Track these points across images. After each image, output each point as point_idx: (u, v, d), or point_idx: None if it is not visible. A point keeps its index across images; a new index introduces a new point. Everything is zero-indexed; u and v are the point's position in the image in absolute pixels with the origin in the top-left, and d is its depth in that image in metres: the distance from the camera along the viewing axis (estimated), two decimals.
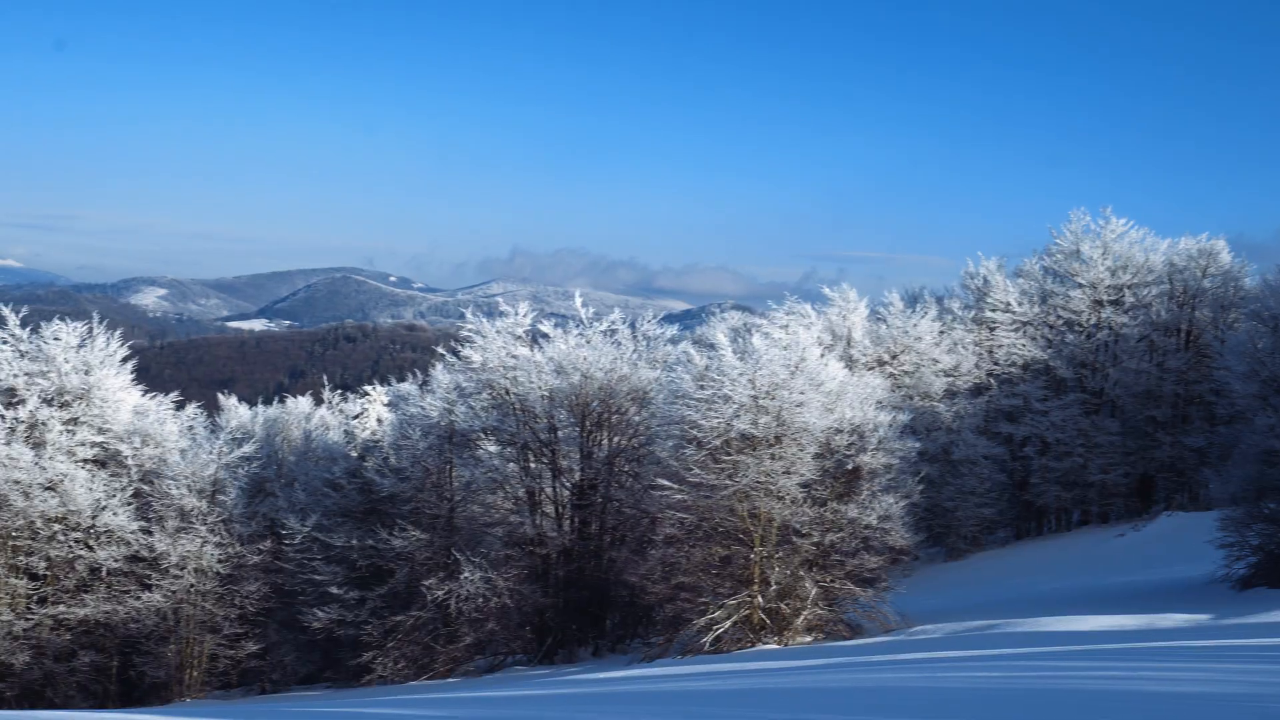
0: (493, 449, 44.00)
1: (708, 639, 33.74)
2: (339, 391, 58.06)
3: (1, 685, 45.01)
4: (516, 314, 45.76)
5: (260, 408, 56.52)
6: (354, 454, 48.34)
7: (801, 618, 33.88)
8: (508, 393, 43.79)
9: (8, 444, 45.42)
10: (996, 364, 63.82)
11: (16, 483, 45.00)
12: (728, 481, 33.77)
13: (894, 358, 59.95)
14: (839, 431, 34.84)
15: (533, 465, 44.08)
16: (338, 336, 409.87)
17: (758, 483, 33.53)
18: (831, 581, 34.25)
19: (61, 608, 46.07)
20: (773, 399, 33.97)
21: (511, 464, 44.11)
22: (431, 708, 22.61)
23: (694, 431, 34.90)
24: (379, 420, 49.38)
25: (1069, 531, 63.76)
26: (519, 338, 45.20)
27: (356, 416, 50.67)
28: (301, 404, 57.14)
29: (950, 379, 61.69)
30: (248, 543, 46.61)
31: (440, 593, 41.59)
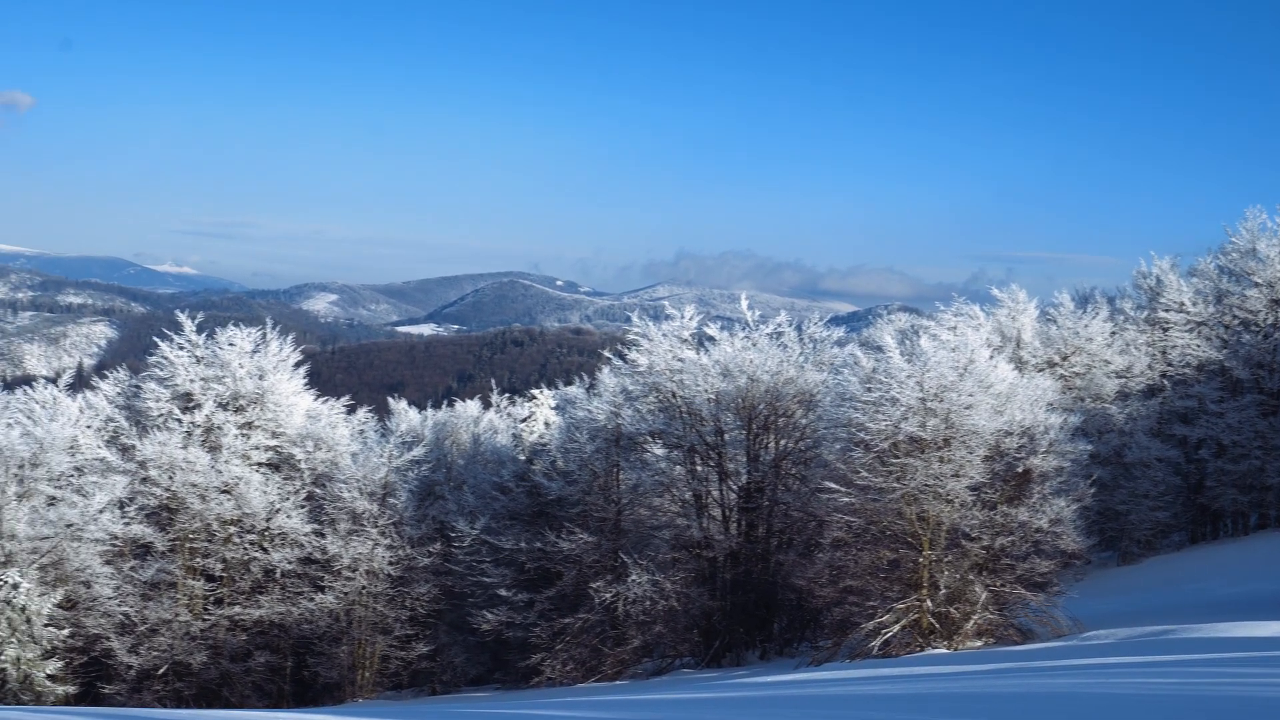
0: (659, 452, 44.23)
1: (876, 643, 33.63)
2: (507, 395, 58.79)
3: (180, 684, 46.31)
4: (682, 317, 45.98)
5: (429, 411, 57.49)
6: (522, 457, 48.88)
7: (971, 622, 33.61)
8: (674, 396, 44.01)
9: (185, 448, 46.75)
10: (1170, 365, 62.53)
11: (193, 486, 46.29)
12: (895, 484, 33.65)
13: (1064, 359, 59.09)
14: (1009, 434, 34.50)
15: (699, 468, 44.26)
16: (505, 340, 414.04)
17: (926, 486, 33.36)
18: (1002, 585, 33.94)
19: (237, 609, 47.33)
20: (941, 401, 33.77)
21: (678, 467, 44.30)
22: (600, 710, 22.81)
23: (861, 434, 34.82)
24: (546, 424, 49.86)
25: (1246, 535, 62.26)
26: (685, 341, 45.41)
27: (524, 420, 51.21)
28: (470, 408, 58.01)
29: (1122, 380, 60.57)
30: (418, 545, 47.41)
31: (608, 595, 42.00)
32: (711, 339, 46.18)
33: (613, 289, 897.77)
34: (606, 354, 49.02)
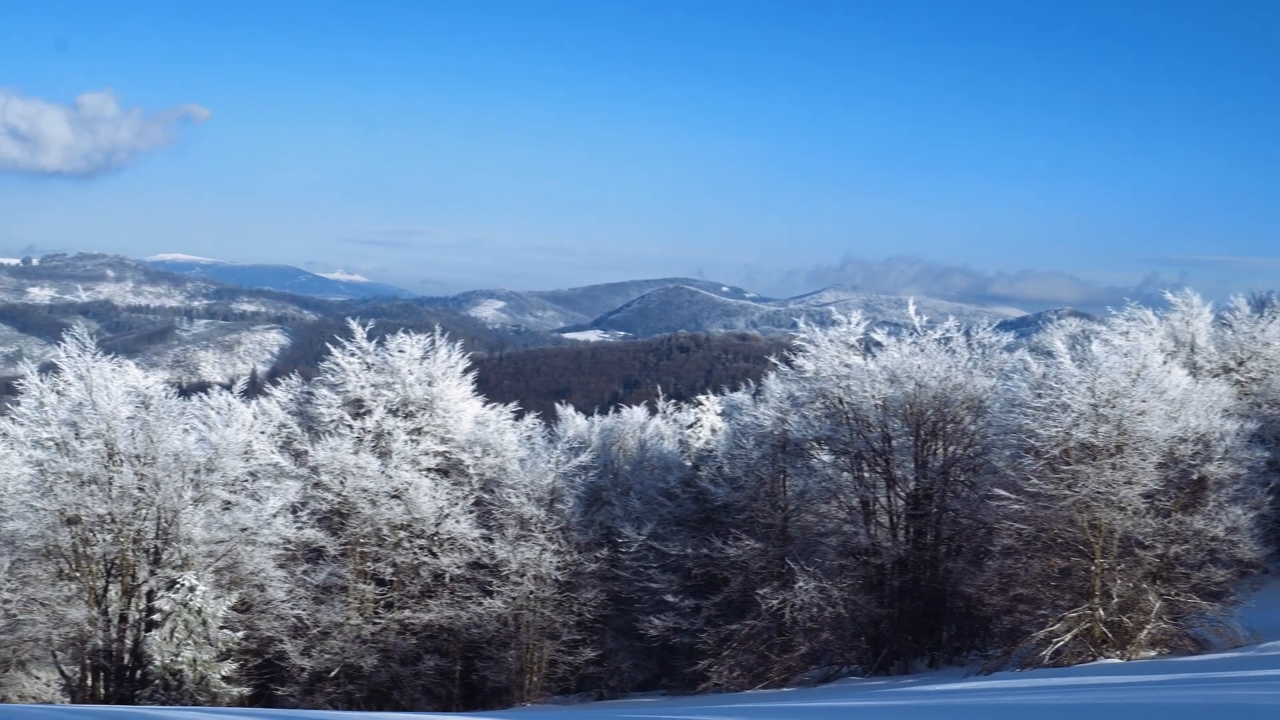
0: (826, 458, 44.30)
1: (1047, 652, 33.38)
2: (673, 401, 59.14)
3: (351, 687, 47.24)
4: (849, 322, 46.05)
5: (596, 417, 58.09)
6: (688, 463, 49.10)
7: (1145, 632, 33.23)
8: (841, 401, 44.05)
9: (356, 453, 47.69)
10: None
11: (364, 491, 47.18)
12: (1066, 491, 33.39)
13: (1240, 364, 57.83)
14: (1183, 440, 34.03)
15: (866, 474, 44.28)
16: (670, 347, 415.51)
17: (1098, 493, 33.04)
18: (1176, 595, 33.51)
19: (407, 612, 48.17)
20: (1113, 407, 33.40)
21: (845, 473, 44.39)
22: (767, 717, 22.83)
23: (1031, 440, 34.60)
24: (712, 430, 50.02)
25: None
26: (851, 346, 45.45)
27: (690, 426, 51.41)
28: (636, 414, 58.45)
29: None
30: (585, 550, 47.89)
31: (775, 602, 42.16)
32: (878, 345, 46.17)
33: (778, 295, 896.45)
34: (772, 360, 49.09)
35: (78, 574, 42.87)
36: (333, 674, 47.54)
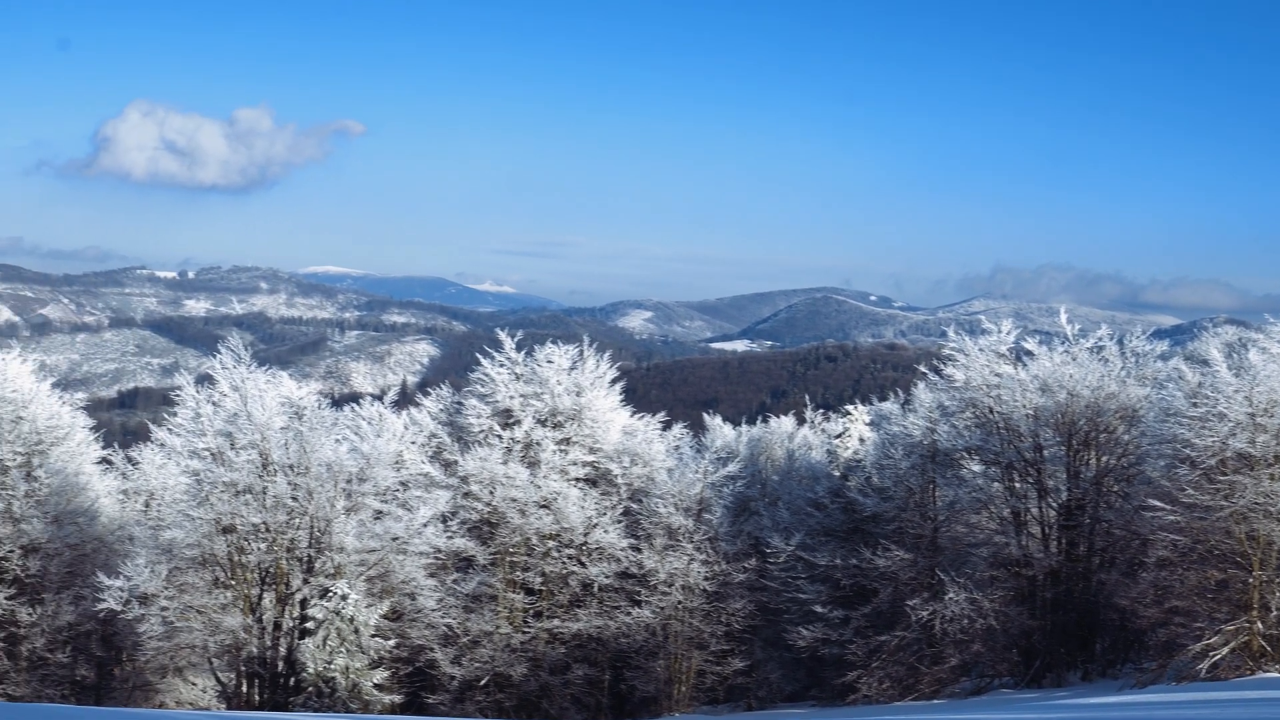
0: (976, 468, 44.08)
1: (1203, 666, 33.01)
2: (820, 411, 59.05)
3: (501, 695, 47.84)
4: (999, 331, 45.69)
5: (744, 427, 58.17)
6: (836, 473, 49.04)
7: None
8: (991, 411, 43.80)
9: (505, 463, 48.25)
10: None
11: (514, 500, 47.70)
12: (1223, 502, 33.02)
13: None
14: None
15: (1017, 485, 44.00)
16: (818, 356, 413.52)
17: (1256, 504, 32.62)
18: None
19: (556, 622, 48.63)
20: (1272, 416, 33.02)
21: (996, 484, 44.13)
22: None
23: (1186, 450, 34.26)
24: (861, 439, 49.84)
25: None
26: (1002, 356, 45.15)
27: (838, 436, 51.25)
28: (784, 423, 58.54)
29: None
30: (733, 561, 48.08)
31: (924, 613, 42.06)
32: (1029, 354, 45.81)
33: (926, 304, 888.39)
34: (921, 369, 48.91)
35: (233, 582, 43.78)
36: (482, 682, 48.13)
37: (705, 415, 59.64)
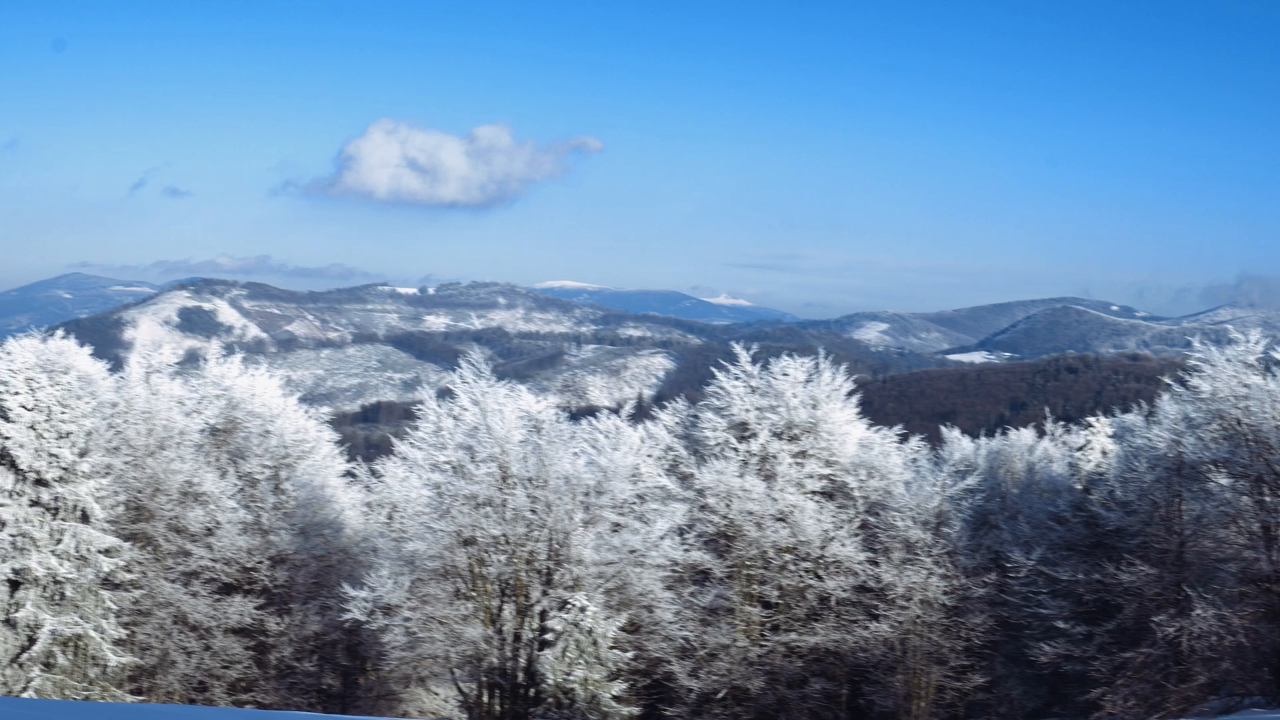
0: (1224, 481, 43.28)
1: None
2: (1061, 423, 58.19)
3: (738, 709, 48.22)
4: (1247, 341, 44.36)
5: (982, 440, 57.83)
6: (1078, 487, 48.57)
7: None
8: (1239, 423, 43.03)
9: (741, 476, 48.43)
10: None
11: (750, 513, 48.03)
12: None
13: None
14: None
15: (1268, 499, 42.97)
16: (1058, 367, 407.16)
17: None
18: None
19: (793, 635, 48.87)
20: None
21: (1244, 497, 43.39)
22: None
23: None
24: (1103, 452, 49.26)
25: None
26: (1250, 365, 44.14)
27: (1080, 449, 50.72)
28: (1023, 436, 58.07)
29: None
30: (972, 575, 47.85)
31: (1171, 630, 41.27)
32: (1279, 363, 44.30)
33: (1170, 313, 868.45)
34: (1166, 380, 47.92)
35: (474, 593, 44.72)
36: (720, 695, 48.62)
37: (942, 428, 59.29)
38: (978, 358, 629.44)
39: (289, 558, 53.57)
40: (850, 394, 54.26)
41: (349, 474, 63.30)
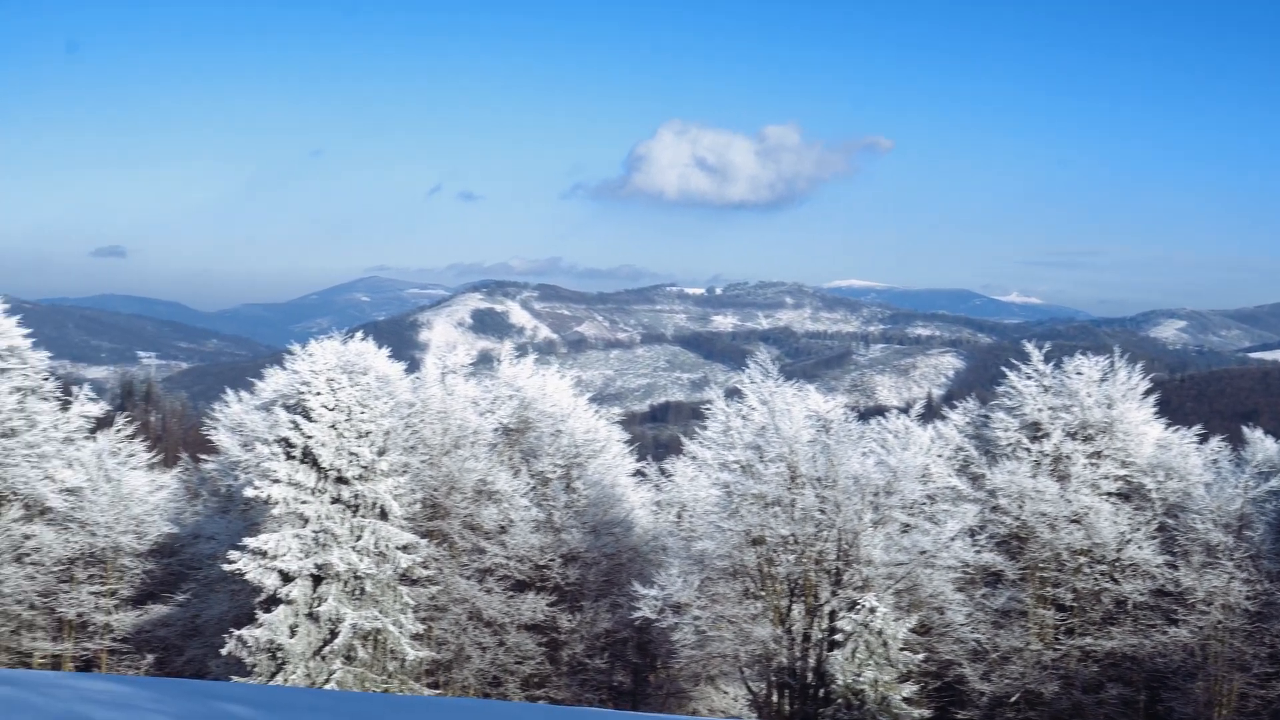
0: None
1: None
2: None
3: (1031, 713, 47.96)
4: None
5: None
6: None
7: None
8: None
9: (1034, 477, 47.78)
10: None
11: (1043, 515, 47.53)
12: None
13: None
14: None
15: None
16: None
17: None
18: None
19: (1088, 639, 48.23)
20: None
21: None
22: None
23: None
24: None
25: None
26: None
27: None
28: None
29: None
30: (1277, 580, 46.06)
31: None
32: None
33: None
34: None
35: (763, 593, 45.12)
36: (1013, 699, 48.05)
37: (1244, 428, 57.42)
38: None
39: (580, 555, 54.74)
40: (1147, 393, 53.48)
41: (638, 473, 64.48)
